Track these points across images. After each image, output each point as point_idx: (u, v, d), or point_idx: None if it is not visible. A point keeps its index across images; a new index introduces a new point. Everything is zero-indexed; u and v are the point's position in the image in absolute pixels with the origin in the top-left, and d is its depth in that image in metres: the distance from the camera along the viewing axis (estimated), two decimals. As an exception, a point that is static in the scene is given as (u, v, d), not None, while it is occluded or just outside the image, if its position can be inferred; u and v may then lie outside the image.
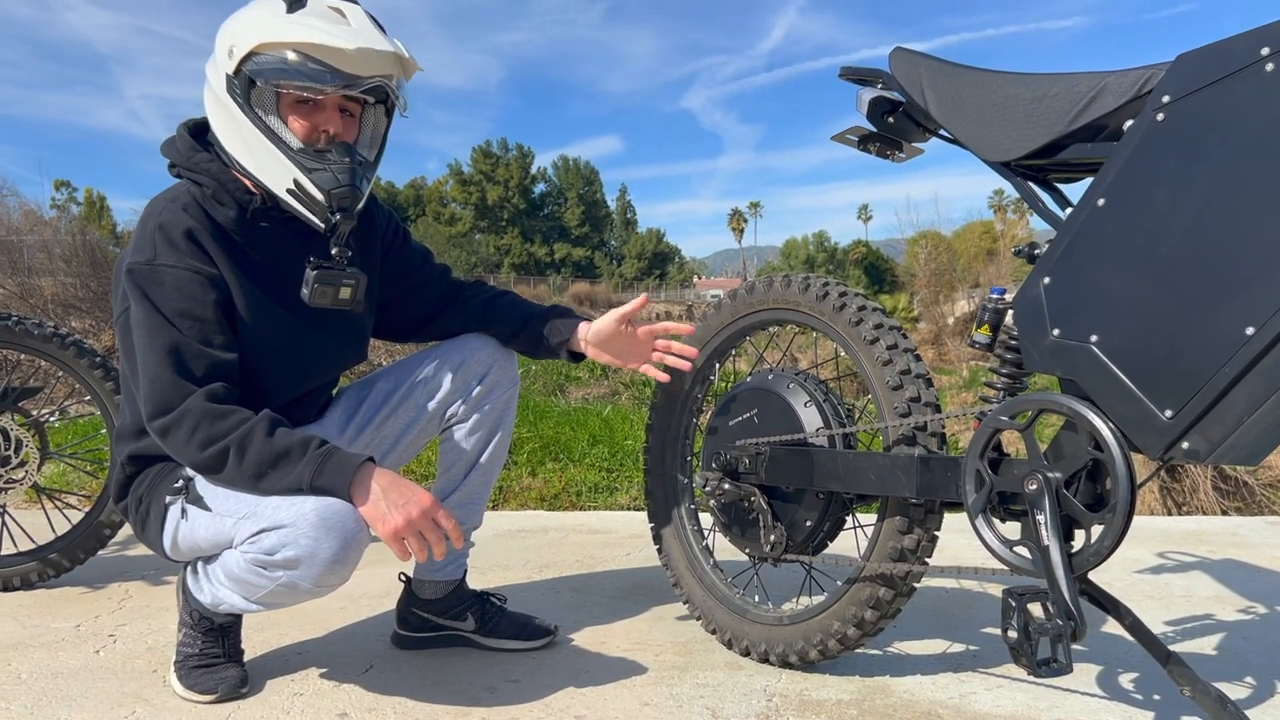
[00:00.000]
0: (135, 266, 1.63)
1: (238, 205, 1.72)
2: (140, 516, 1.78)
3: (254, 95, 1.65)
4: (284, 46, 1.61)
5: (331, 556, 1.54)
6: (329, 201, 1.67)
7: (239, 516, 1.61)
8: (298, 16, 1.62)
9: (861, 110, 1.85)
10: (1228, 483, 4.98)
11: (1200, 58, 1.36)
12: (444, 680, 1.89)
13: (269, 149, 1.65)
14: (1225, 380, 1.33)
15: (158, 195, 1.74)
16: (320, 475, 1.56)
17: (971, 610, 2.35)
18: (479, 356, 1.98)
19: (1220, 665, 1.98)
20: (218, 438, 1.57)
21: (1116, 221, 1.44)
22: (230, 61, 1.64)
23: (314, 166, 1.66)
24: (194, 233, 1.67)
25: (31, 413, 2.60)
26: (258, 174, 1.68)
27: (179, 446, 1.60)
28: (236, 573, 1.64)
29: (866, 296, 1.89)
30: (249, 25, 1.64)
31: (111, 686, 1.84)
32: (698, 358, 2.05)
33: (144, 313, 1.62)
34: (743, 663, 1.98)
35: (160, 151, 1.80)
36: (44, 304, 9.95)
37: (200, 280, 1.65)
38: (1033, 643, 1.46)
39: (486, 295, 2.06)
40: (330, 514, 1.54)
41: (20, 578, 2.48)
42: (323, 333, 1.84)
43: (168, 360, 1.60)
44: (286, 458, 1.57)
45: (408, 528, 1.54)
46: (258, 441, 1.57)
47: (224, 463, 1.57)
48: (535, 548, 3.04)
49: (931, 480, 1.67)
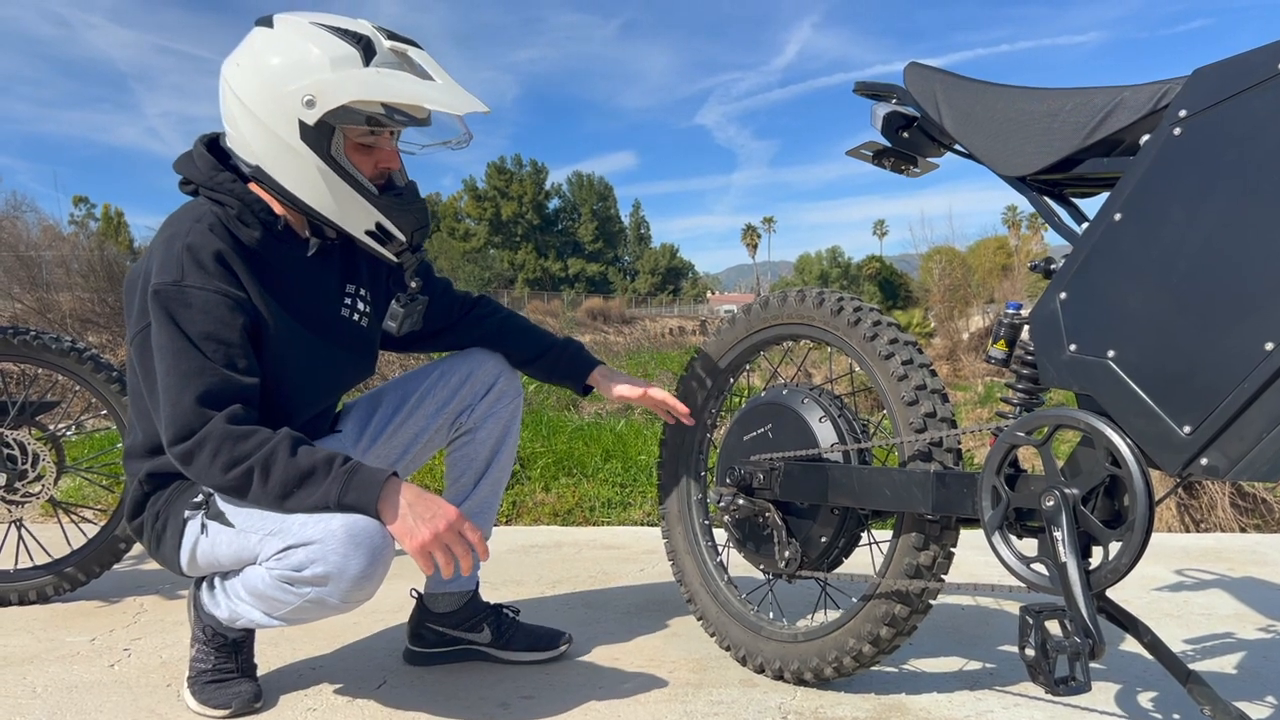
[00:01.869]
0: (162, 288, 1.62)
1: (262, 225, 1.73)
2: (156, 533, 1.77)
3: (333, 143, 1.66)
4: (375, 104, 1.63)
5: (360, 572, 1.54)
6: (409, 240, 1.75)
7: (264, 533, 1.61)
8: (384, 71, 1.63)
9: (876, 125, 1.85)
10: (1246, 500, 4.94)
11: (1217, 72, 1.35)
12: (457, 696, 1.88)
13: (352, 195, 1.69)
14: (1244, 396, 1.31)
15: (178, 214, 1.74)
16: (347, 492, 1.55)
17: (988, 628, 2.33)
18: (486, 368, 2.02)
19: (1241, 684, 1.96)
20: (241, 459, 1.56)
21: (1133, 236, 1.44)
22: (310, 112, 1.62)
23: (398, 211, 1.73)
24: (222, 255, 1.66)
25: (48, 427, 2.62)
26: (335, 218, 1.71)
27: (201, 471, 1.59)
28: (261, 589, 1.63)
29: (881, 312, 1.89)
30: (329, 77, 1.61)
31: (126, 701, 1.85)
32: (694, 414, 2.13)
33: (169, 335, 1.61)
34: (757, 680, 1.97)
35: (174, 168, 1.80)
36: (62, 319, 10.04)
37: (228, 303, 1.65)
38: (1051, 661, 1.45)
39: (500, 315, 2.10)
40: (359, 530, 1.54)
41: (36, 591, 2.49)
42: (341, 349, 1.86)
43: (190, 385, 1.59)
44: (311, 476, 1.56)
45: (434, 541, 1.55)
46: (281, 461, 1.56)
47: (249, 484, 1.57)
48: (548, 563, 3.03)
49: (947, 496, 1.66)
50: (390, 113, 1.63)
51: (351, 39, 1.64)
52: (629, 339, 41.08)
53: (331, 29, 1.65)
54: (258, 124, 1.66)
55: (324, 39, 1.63)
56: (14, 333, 2.50)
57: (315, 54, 1.62)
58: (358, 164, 1.69)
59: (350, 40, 1.63)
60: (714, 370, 2.13)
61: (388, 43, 1.67)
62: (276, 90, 1.63)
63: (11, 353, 2.51)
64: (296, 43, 1.64)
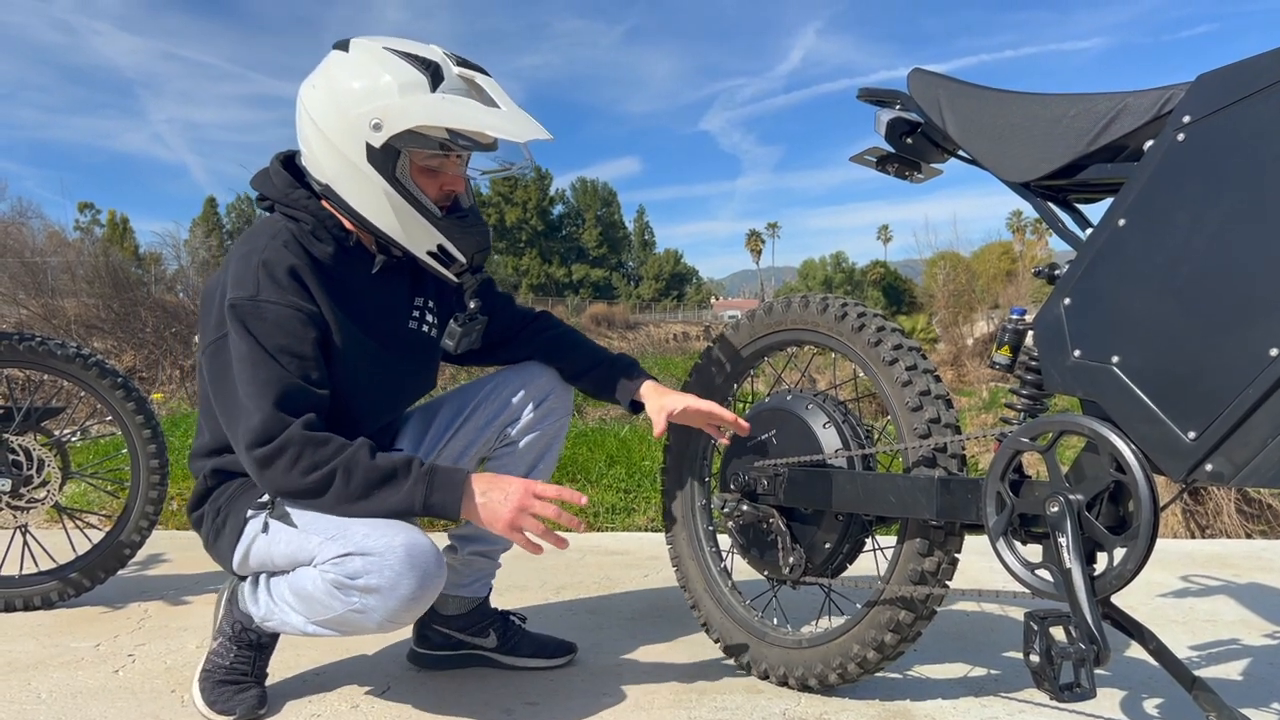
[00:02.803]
0: (239, 301, 1.66)
1: (335, 241, 1.78)
2: (215, 527, 1.81)
3: (398, 166, 1.70)
4: (441, 129, 1.66)
5: (409, 593, 1.58)
6: (470, 262, 1.79)
7: (326, 536, 1.64)
8: (450, 97, 1.67)
9: (880, 131, 1.86)
10: (1252, 505, 4.93)
11: (1221, 78, 1.36)
12: (461, 702, 1.88)
13: (415, 217, 1.73)
14: (1249, 402, 1.31)
15: (255, 229, 1.78)
16: (432, 493, 1.61)
17: (993, 634, 2.33)
18: (539, 383, 2.03)
19: (1246, 691, 1.95)
20: (322, 463, 1.61)
21: (1137, 242, 1.44)
22: (377, 134, 1.67)
23: (459, 234, 1.77)
24: (297, 270, 1.70)
25: (54, 433, 2.62)
26: (398, 237, 1.75)
27: (279, 474, 1.62)
28: (310, 590, 1.66)
29: (885, 317, 1.89)
30: (397, 102, 1.65)
31: (130, 706, 1.85)
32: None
33: (247, 346, 1.65)
34: (761, 686, 1.96)
35: (251, 184, 1.86)
36: (67, 325, 10.07)
37: (301, 317, 1.68)
38: (1055, 667, 1.44)
39: (557, 330, 2.11)
40: (418, 552, 1.58)
41: (41, 597, 2.49)
42: (409, 361, 1.91)
43: (268, 393, 1.63)
44: (393, 478, 1.62)
45: (518, 516, 1.61)
46: (363, 464, 1.61)
47: (329, 486, 1.61)
48: (552, 569, 3.03)
49: (952, 502, 1.66)
50: (454, 138, 1.67)
51: (420, 65, 1.68)
52: (633, 345, 41.09)
53: (402, 54, 1.69)
54: (328, 145, 1.71)
55: (394, 64, 1.68)
56: (19, 338, 2.50)
57: (385, 79, 1.67)
58: (423, 186, 1.74)
59: (419, 66, 1.68)
60: (718, 375, 2.13)
61: (456, 69, 1.71)
62: (346, 113, 1.68)
63: (17, 358, 2.52)
64: (368, 67, 1.69)
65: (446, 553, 2.09)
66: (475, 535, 2.05)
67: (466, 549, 2.05)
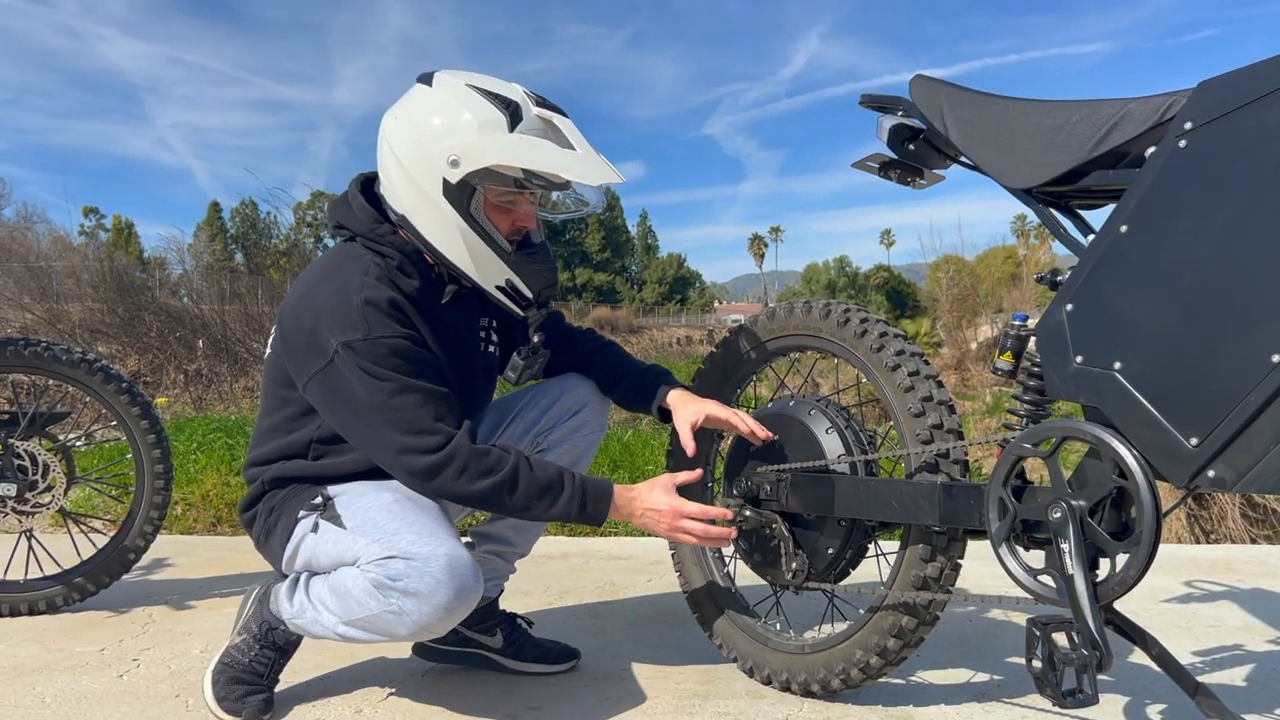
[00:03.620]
0: (355, 343, 1.68)
1: (420, 275, 1.82)
2: (267, 526, 1.85)
3: (473, 202, 1.74)
4: (517, 170, 1.70)
5: (445, 602, 1.63)
6: (536, 297, 1.85)
7: (373, 539, 1.68)
8: (526, 138, 1.70)
9: (882, 137, 1.86)
10: (1257, 510, 4.92)
11: (1223, 84, 1.36)
12: (465, 706, 1.89)
13: (486, 252, 1.77)
14: (1251, 408, 1.31)
15: (340, 263, 1.80)
16: (585, 505, 1.73)
17: (995, 639, 2.33)
18: (576, 394, 2.06)
19: (1249, 697, 1.95)
20: (488, 473, 1.68)
21: (1140, 248, 1.44)
22: (454, 170, 1.70)
23: (528, 270, 1.81)
24: (398, 304, 1.75)
25: (59, 438, 2.63)
26: (468, 270, 1.79)
27: (447, 482, 1.68)
28: (349, 588, 1.68)
29: (888, 323, 1.89)
30: (476, 140, 1.69)
31: (134, 711, 1.85)
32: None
33: (379, 382, 1.67)
34: (764, 691, 1.96)
35: (329, 211, 1.89)
36: (71, 329, 10.08)
37: (415, 339, 1.75)
38: (1058, 673, 1.45)
39: (595, 343, 2.14)
40: (459, 564, 1.64)
41: (46, 601, 2.50)
42: (480, 382, 1.98)
43: (423, 412, 1.68)
44: (550, 490, 1.71)
45: (673, 532, 1.79)
46: (525, 476, 1.70)
47: (497, 495, 1.69)
48: (556, 573, 3.04)
49: (954, 508, 1.66)
50: (529, 177, 1.70)
51: (500, 104, 1.71)
52: (637, 348, 41.07)
53: (484, 92, 1.73)
54: (406, 176, 1.75)
55: (475, 102, 1.71)
56: (25, 344, 2.51)
57: (465, 117, 1.71)
58: (495, 221, 1.77)
59: (499, 105, 1.71)
60: (721, 380, 2.13)
61: (535, 110, 1.74)
62: (426, 148, 1.72)
63: (22, 364, 2.53)
64: (449, 104, 1.73)
65: None
66: (494, 534, 2.07)
67: (483, 546, 2.06)
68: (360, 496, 1.77)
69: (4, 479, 2.47)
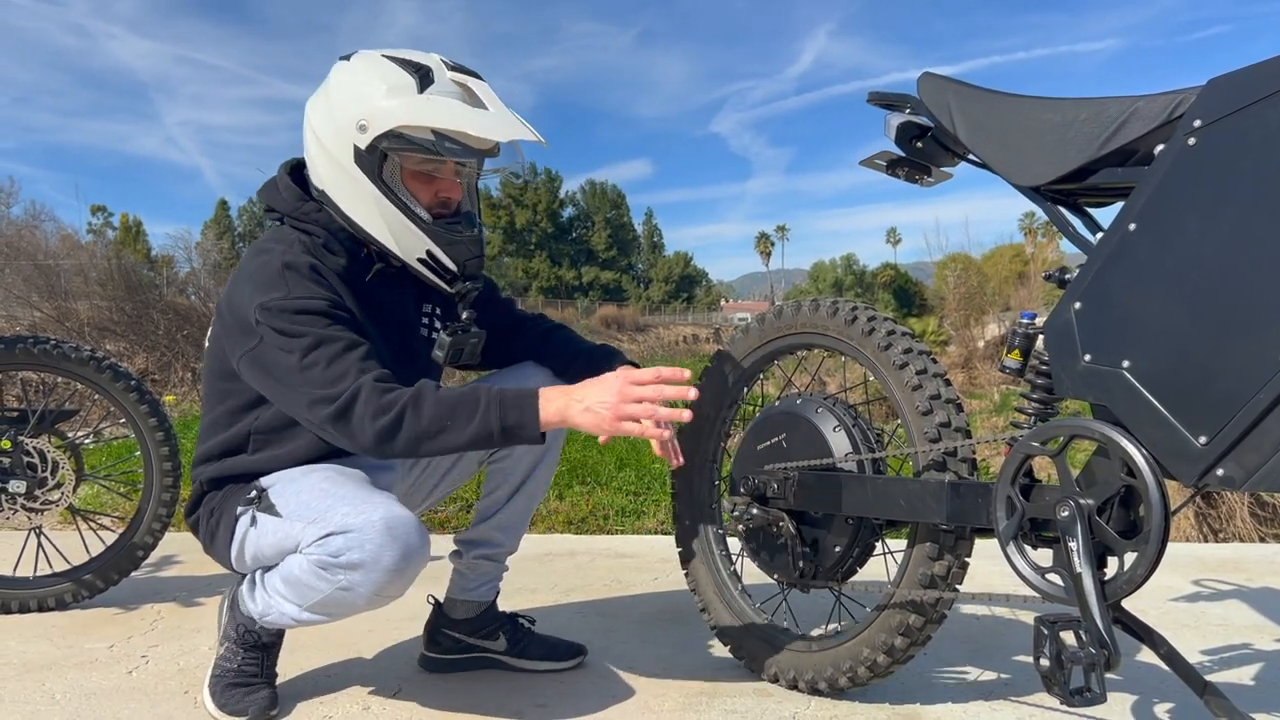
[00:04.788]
0: (271, 303, 1.66)
1: (347, 254, 1.80)
2: (210, 528, 1.84)
3: (385, 168, 1.71)
4: (425, 129, 1.67)
5: (392, 565, 1.59)
6: (461, 271, 1.78)
7: (308, 521, 1.66)
8: (435, 98, 1.68)
9: (889, 135, 1.86)
10: (1266, 509, 4.90)
11: (1232, 82, 1.35)
12: (472, 704, 1.89)
13: (403, 221, 1.74)
14: (1260, 407, 1.31)
15: (267, 240, 1.80)
16: (507, 414, 1.60)
17: (1003, 638, 2.33)
18: (533, 383, 1.97)
19: (1258, 696, 1.94)
20: (389, 406, 1.60)
21: (1148, 246, 1.44)
22: (362, 136, 1.69)
23: (448, 240, 1.76)
24: (319, 269, 1.74)
25: (67, 435, 2.64)
26: (388, 243, 1.75)
27: (355, 426, 1.61)
28: (297, 575, 1.67)
29: (895, 321, 1.89)
30: (383, 103, 1.68)
31: (144, 707, 1.86)
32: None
33: (289, 338, 1.65)
34: (771, 689, 1.96)
35: (258, 195, 1.88)
36: (80, 327, 10.11)
37: (337, 303, 1.71)
38: (1066, 671, 1.44)
39: (545, 326, 2.10)
40: (397, 523, 1.60)
41: (55, 598, 2.51)
42: (415, 370, 1.88)
43: (324, 359, 1.63)
44: (462, 406, 1.61)
45: (623, 404, 1.58)
46: (429, 399, 1.61)
47: (400, 426, 1.60)
48: (562, 571, 3.04)
49: (962, 506, 1.66)
50: (440, 140, 1.67)
51: (411, 68, 1.70)
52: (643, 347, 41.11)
53: (397, 60, 1.71)
54: (323, 150, 1.74)
55: (386, 68, 1.70)
56: (34, 342, 2.52)
57: (375, 83, 1.70)
58: (415, 192, 1.75)
59: (410, 69, 1.70)
60: (728, 379, 2.13)
61: (450, 74, 1.72)
62: (337, 117, 1.71)
63: (31, 361, 2.54)
64: (361, 73, 1.72)
65: (451, 558, 2.10)
66: (480, 540, 2.06)
67: (471, 553, 2.06)
68: (291, 483, 1.75)
69: (14, 476, 2.48)
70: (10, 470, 2.48)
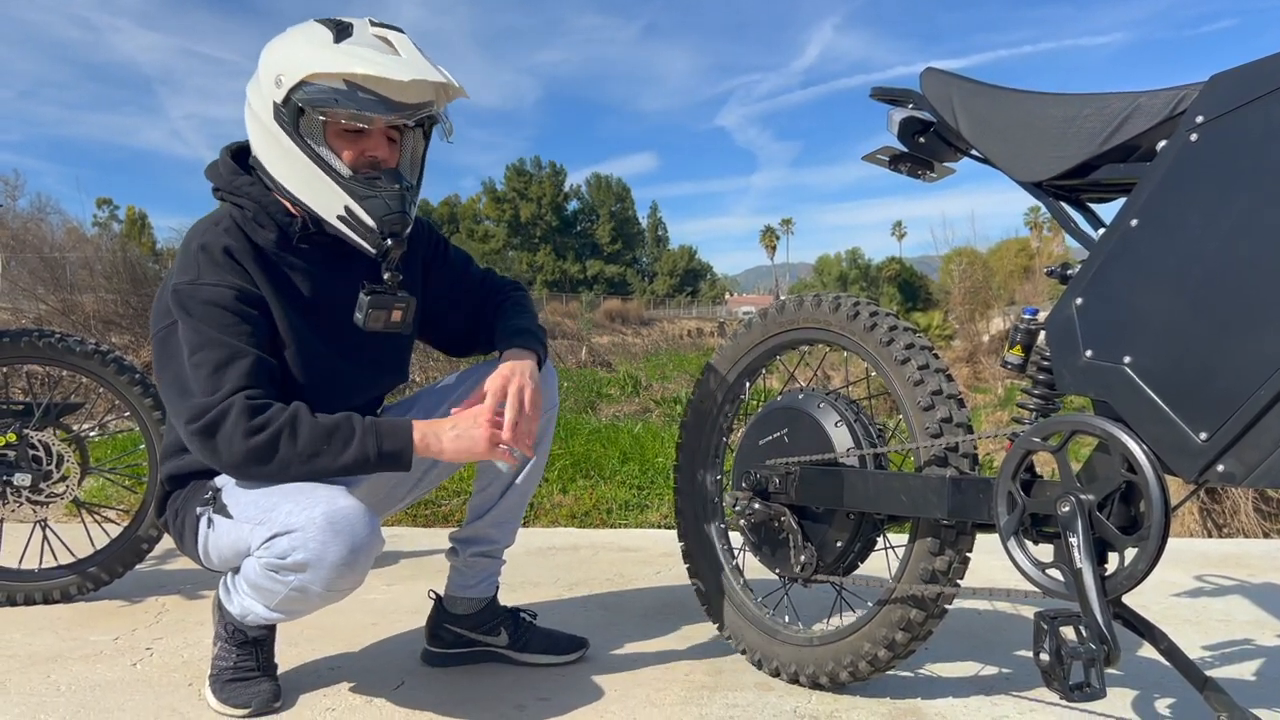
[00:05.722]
0: (180, 286, 1.67)
1: (278, 227, 1.75)
2: (178, 529, 1.83)
3: (303, 123, 1.68)
4: (335, 77, 1.64)
5: (339, 559, 1.57)
6: (380, 228, 1.71)
7: (254, 523, 1.64)
8: (347, 46, 1.65)
9: (892, 130, 1.85)
10: (1270, 504, 4.90)
11: (1234, 78, 1.35)
12: (474, 697, 1.90)
13: (320, 176, 1.69)
14: (1261, 403, 1.31)
15: (201, 219, 1.79)
16: (383, 441, 1.62)
17: (1003, 633, 2.33)
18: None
19: (1259, 692, 1.95)
20: (263, 427, 1.59)
21: (1150, 242, 1.43)
22: (279, 90, 1.66)
23: (365, 194, 1.70)
24: (233, 251, 1.70)
25: (72, 428, 2.65)
26: (308, 201, 1.71)
27: (224, 445, 1.60)
28: (254, 578, 1.68)
29: (898, 316, 1.89)
30: (297, 55, 1.66)
31: (148, 699, 1.87)
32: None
33: (189, 329, 1.66)
34: (773, 684, 1.97)
35: (204, 175, 1.85)
36: (85, 320, 10.12)
37: (243, 296, 1.69)
38: (1065, 667, 1.44)
39: (501, 298, 2.02)
40: (339, 518, 1.57)
41: (60, 591, 2.52)
42: (363, 354, 1.86)
43: (207, 365, 1.63)
44: (338, 433, 1.61)
45: (491, 429, 1.66)
46: (306, 422, 1.61)
47: (276, 449, 1.59)
48: (565, 565, 3.05)
49: (963, 502, 1.67)
50: (352, 90, 1.64)
51: (333, 24, 1.68)
52: (647, 340, 41.07)
53: (324, 20, 1.71)
54: (253, 116, 1.73)
55: (310, 27, 1.70)
56: (39, 335, 2.53)
57: (294, 39, 1.69)
58: (339, 149, 1.69)
59: (330, 25, 1.68)
60: (730, 374, 2.13)
61: (371, 29, 1.69)
62: (260, 76, 1.70)
63: (37, 355, 2.55)
64: (288, 34, 1.72)
65: (448, 556, 2.09)
66: (475, 537, 2.05)
67: (468, 551, 2.05)
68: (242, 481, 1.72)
69: (19, 469, 2.49)
70: (15, 463, 2.49)
